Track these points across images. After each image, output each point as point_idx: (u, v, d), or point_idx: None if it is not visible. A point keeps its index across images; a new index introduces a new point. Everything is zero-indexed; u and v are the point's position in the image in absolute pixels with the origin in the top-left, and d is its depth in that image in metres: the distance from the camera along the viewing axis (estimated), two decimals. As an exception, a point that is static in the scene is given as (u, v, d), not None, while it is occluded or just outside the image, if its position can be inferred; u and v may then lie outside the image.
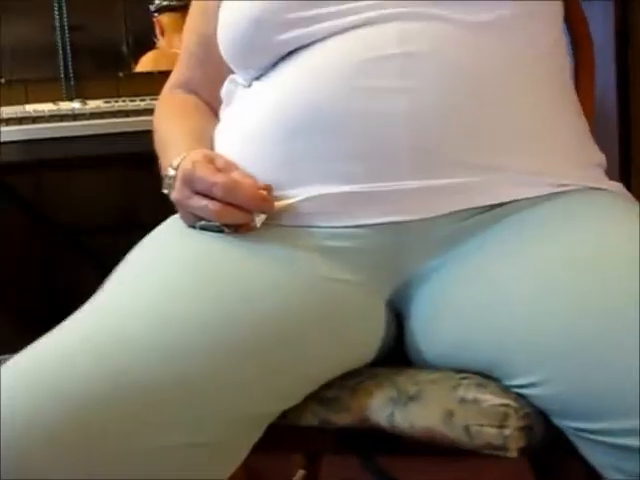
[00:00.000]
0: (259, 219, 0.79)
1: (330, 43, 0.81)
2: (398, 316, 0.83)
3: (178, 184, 0.81)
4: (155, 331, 0.68)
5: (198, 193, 0.79)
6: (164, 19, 2.24)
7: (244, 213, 0.78)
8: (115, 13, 2.15)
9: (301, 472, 1.21)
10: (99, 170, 1.88)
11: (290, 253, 0.79)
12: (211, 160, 0.82)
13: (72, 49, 2.05)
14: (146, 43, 2.23)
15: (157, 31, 2.24)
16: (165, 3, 2.21)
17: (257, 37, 0.84)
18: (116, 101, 1.66)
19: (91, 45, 2.13)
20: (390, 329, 0.82)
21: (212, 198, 0.78)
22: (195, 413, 0.66)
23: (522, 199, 0.78)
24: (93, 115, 1.54)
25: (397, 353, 0.83)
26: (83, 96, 1.83)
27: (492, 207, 0.78)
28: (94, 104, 1.62)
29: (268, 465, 1.28)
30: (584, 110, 0.92)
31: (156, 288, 0.74)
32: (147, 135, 0.99)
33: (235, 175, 0.80)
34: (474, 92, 0.78)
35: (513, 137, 0.79)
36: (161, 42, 2.26)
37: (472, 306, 0.75)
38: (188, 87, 1.03)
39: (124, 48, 2.18)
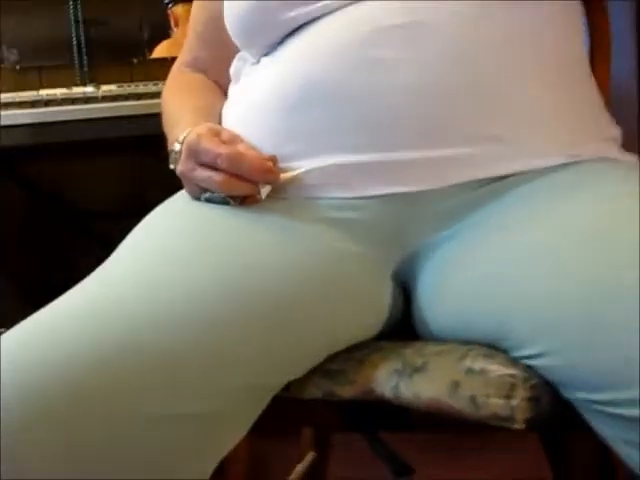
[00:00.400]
0: (264, 190, 0.78)
1: (335, 17, 0.80)
2: (405, 290, 0.82)
3: (183, 156, 0.80)
4: (152, 299, 0.67)
5: (203, 165, 0.78)
6: (178, 10, 2.23)
7: (249, 184, 0.77)
8: (131, 6, 2.15)
9: (310, 454, 1.20)
10: (111, 153, 1.88)
11: (295, 224, 0.78)
12: (216, 133, 0.81)
13: (87, 40, 2.05)
14: (162, 35, 2.24)
15: (172, 22, 2.24)
16: (180, -7, 2.21)
17: (262, 16, 0.84)
18: (129, 85, 1.65)
19: (106, 36, 2.13)
20: (397, 302, 0.81)
21: (217, 169, 0.77)
22: (195, 382, 0.65)
23: (529, 170, 0.77)
24: (105, 98, 1.54)
25: (404, 328, 0.82)
26: (97, 82, 1.82)
27: (501, 177, 0.77)
28: (106, 88, 1.62)
29: (274, 449, 1.28)
30: (600, 90, 0.90)
31: (156, 256, 0.73)
32: (160, 118, 0.98)
33: (240, 147, 0.79)
34: (480, 62, 0.77)
35: (522, 107, 0.77)
36: (176, 32, 2.26)
37: (477, 276, 0.74)
38: (197, 66, 1.03)
39: (139, 38, 2.18)
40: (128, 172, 1.99)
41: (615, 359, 0.61)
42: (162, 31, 2.22)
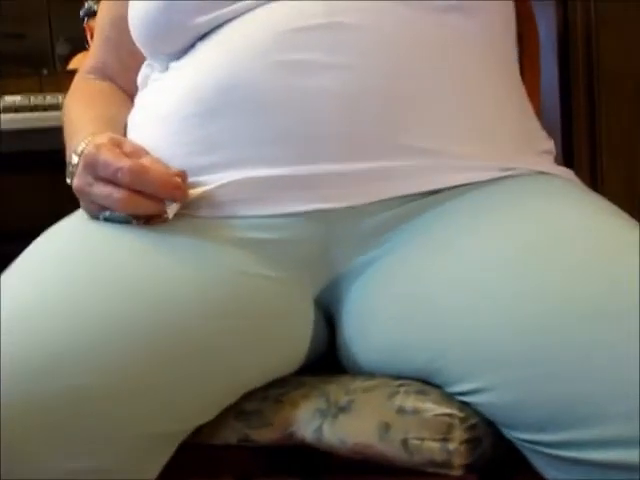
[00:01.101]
0: (171, 209, 0.69)
1: (250, 17, 0.73)
2: (329, 318, 0.74)
3: (80, 169, 0.71)
4: (32, 344, 0.58)
5: (102, 179, 0.69)
6: (94, 23, 2.15)
7: (154, 202, 0.68)
8: (43, 19, 2.04)
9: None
10: (22, 169, 1.75)
11: (207, 247, 0.69)
12: (118, 144, 0.72)
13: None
14: (78, 49, 2.15)
15: (88, 36, 2.15)
16: (95, 7, 2.12)
17: (169, 22, 0.76)
18: (36, 97, 1.53)
19: (18, 49, 2.03)
20: (319, 331, 0.73)
21: (118, 185, 0.68)
22: (87, 435, 0.57)
23: (461, 185, 0.70)
24: (7, 109, 1.42)
25: (329, 360, 0.74)
26: (4, 93, 1.70)
27: (429, 193, 0.70)
28: (10, 99, 1.50)
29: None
30: (531, 102, 0.85)
31: (54, 287, 0.63)
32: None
33: (144, 160, 0.70)
34: (411, 69, 0.70)
35: (452, 120, 0.71)
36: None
37: (405, 306, 0.66)
38: (103, 73, 0.94)
39: (50, 51, 2.08)
40: (42, 189, 1.86)
41: (561, 396, 0.55)
42: (79, 45, 2.14)
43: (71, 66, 2.15)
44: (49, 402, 0.56)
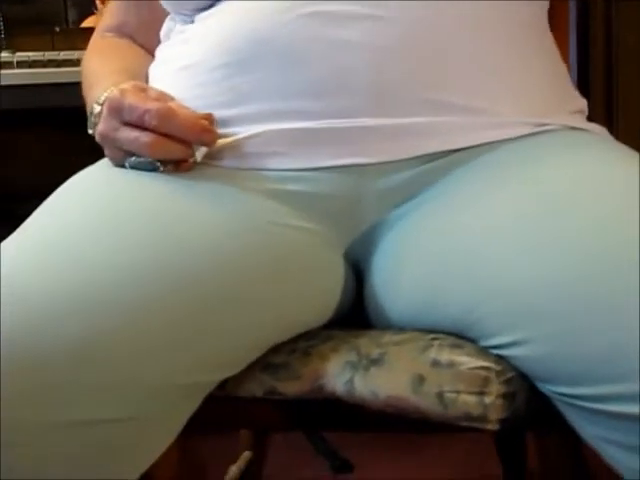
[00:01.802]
0: (199, 153, 0.67)
1: None
2: (357, 273, 0.72)
3: (104, 114, 0.69)
4: (68, 284, 0.56)
5: (128, 124, 0.67)
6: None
7: (182, 146, 0.66)
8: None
9: (246, 454, 1.09)
10: (33, 126, 1.72)
11: (236, 195, 0.67)
12: (142, 89, 0.70)
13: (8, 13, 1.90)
14: (87, 14, 2.11)
15: (97, 1, 2.12)
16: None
17: None
18: (49, 52, 1.51)
19: (29, 11, 1.99)
20: (348, 285, 0.71)
21: (144, 129, 0.66)
22: (115, 384, 0.55)
23: (498, 140, 0.68)
24: (21, 64, 1.39)
25: (356, 317, 0.72)
26: (16, 48, 1.67)
27: (465, 147, 0.68)
28: (23, 54, 1.47)
29: (208, 446, 1.17)
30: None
31: (76, 233, 0.61)
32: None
33: (171, 104, 0.68)
34: (447, 25, 0.68)
35: (486, 78, 0.69)
36: (102, 8, 2.14)
37: (438, 257, 0.65)
38: (121, 31, 0.91)
39: (64, 11, 2.04)
40: (54, 148, 1.83)
41: (601, 348, 0.53)
42: (88, 10, 2.10)
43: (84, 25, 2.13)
44: (66, 346, 0.53)
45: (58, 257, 0.58)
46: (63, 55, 1.46)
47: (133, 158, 0.68)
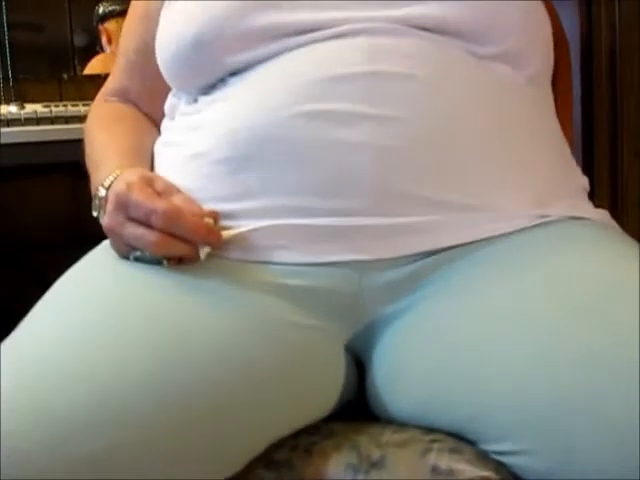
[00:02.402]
0: (203, 252, 0.68)
1: (288, 59, 0.71)
2: (359, 363, 0.73)
3: (110, 208, 0.70)
4: (85, 397, 0.57)
5: (133, 220, 0.68)
6: (111, 26, 2.13)
7: (187, 245, 0.67)
8: (60, 15, 2.02)
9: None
10: (39, 181, 1.73)
11: (239, 292, 0.68)
12: (149, 182, 0.71)
13: (13, 49, 1.91)
14: (92, 51, 2.12)
15: (104, 40, 2.13)
16: (110, 8, 2.10)
17: (202, 59, 0.74)
18: (56, 105, 1.52)
19: (34, 46, 2.00)
20: (350, 378, 0.72)
21: (149, 226, 0.67)
22: None
23: (497, 235, 0.69)
24: (29, 121, 1.41)
25: (359, 402, 0.73)
26: (23, 99, 1.68)
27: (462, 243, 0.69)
28: (31, 108, 1.48)
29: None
30: (563, 130, 0.84)
31: (80, 332, 0.62)
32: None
33: (177, 200, 0.69)
34: (448, 122, 0.69)
35: (489, 173, 0.69)
36: (109, 49, 2.15)
37: (439, 358, 0.65)
38: (125, 97, 0.92)
39: (69, 51, 2.05)
40: (63, 200, 1.84)
41: (609, 468, 0.53)
42: (93, 47, 2.10)
43: (87, 71, 2.14)
44: (85, 461, 0.54)
45: (73, 366, 0.59)
46: (71, 110, 1.47)
47: (138, 252, 0.69)
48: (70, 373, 0.58)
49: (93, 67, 2.14)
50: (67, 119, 1.44)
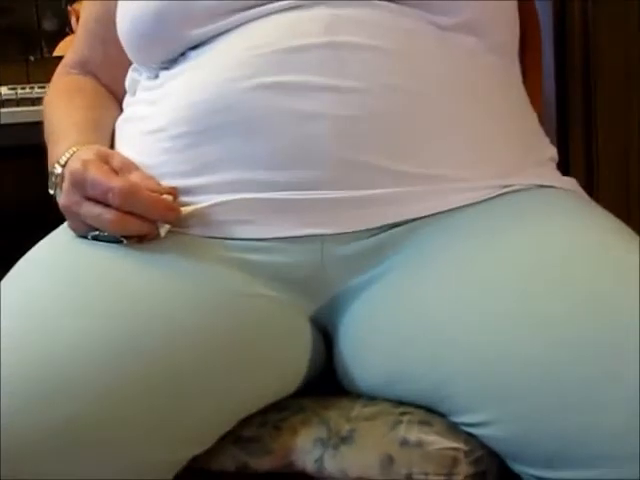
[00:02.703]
0: (163, 229, 0.67)
1: (246, 31, 0.69)
2: (327, 336, 0.72)
3: (66, 186, 0.68)
4: (32, 370, 0.56)
5: (90, 198, 0.66)
6: (80, 7, 2.09)
7: (145, 223, 0.66)
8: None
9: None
10: (5, 163, 1.71)
11: (200, 266, 0.67)
12: (105, 159, 0.69)
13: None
14: (63, 33, 2.08)
15: (73, 21, 2.09)
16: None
17: (161, 33, 0.73)
18: (23, 88, 1.49)
19: (2, 28, 1.97)
20: (317, 351, 0.71)
21: (107, 205, 0.65)
22: (95, 465, 0.55)
23: (461, 206, 0.68)
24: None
25: (329, 377, 0.72)
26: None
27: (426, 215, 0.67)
28: (-5, 91, 1.45)
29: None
30: (532, 102, 0.83)
31: (37, 305, 0.62)
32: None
33: (134, 177, 0.68)
34: (410, 94, 0.67)
35: (452, 144, 0.68)
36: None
37: (404, 330, 0.64)
38: (86, 68, 0.90)
39: (37, 33, 2.02)
40: (30, 182, 1.81)
41: (569, 431, 0.53)
42: (62, 30, 2.07)
43: (57, 52, 2.10)
44: (45, 432, 0.54)
45: (30, 339, 0.58)
46: (37, 92, 1.44)
47: (97, 232, 0.68)
48: (26, 346, 0.57)
49: (62, 49, 2.10)
50: (33, 101, 1.42)
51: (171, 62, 0.74)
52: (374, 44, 0.67)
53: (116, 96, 0.86)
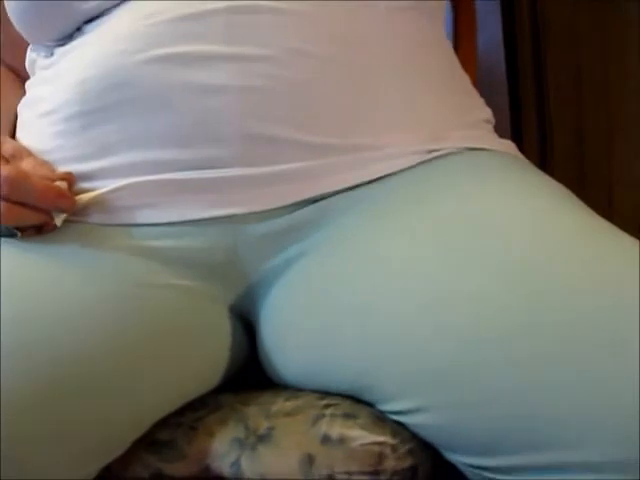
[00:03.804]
0: (59, 218, 0.61)
1: (141, 0, 0.63)
2: (249, 326, 0.66)
3: None
4: None
5: None
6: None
7: (38, 213, 0.60)
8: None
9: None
10: None
11: (104, 258, 0.61)
12: None
13: None
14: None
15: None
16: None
17: (48, 7, 0.67)
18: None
19: None
20: (238, 342, 0.65)
21: None
22: None
23: (384, 175, 0.62)
24: None
25: (256, 369, 0.67)
26: None
27: (348, 188, 0.62)
28: None
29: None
30: (467, 70, 0.78)
31: None
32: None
33: (25, 164, 0.62)
34: (317, 59, 0.61)
35: (366, 109, 0.63)
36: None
37: (326, 314, 0.59)
38: None
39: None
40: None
41: (508, 415, 0.48)
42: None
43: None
44: None
45: None
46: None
47: None
48: None
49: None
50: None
51: (67, 38, 0.68)
52: (279, 6, 0.61)
53: (21, 77, 0.79)
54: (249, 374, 0.67)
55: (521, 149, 0.75)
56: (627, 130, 1.25)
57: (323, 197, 0.61)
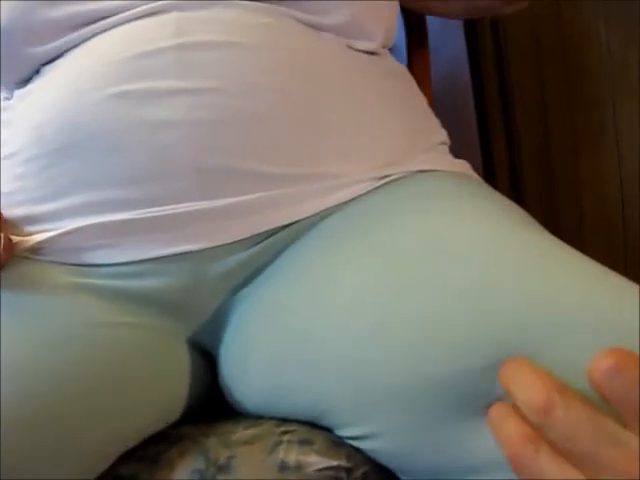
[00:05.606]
0: None
1: (97, 42, 0.65)
2: (210, 357, 0.67)
3: None
4: None
5: None
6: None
7: None
8: None
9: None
10: None
11: (58, 296, 0.61)
12: None
13: None
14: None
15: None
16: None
17: (4, 51, 0.68)
18: None
19: None
20: (200, 375, 0.66)
21: None
22: None
23: (336, 204, 0.63)
24: None
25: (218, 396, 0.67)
26: None
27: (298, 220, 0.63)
28: None
29: None
30: (423, 90, 0.79)
31: None
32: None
33: None
34: (268, 90, 0.62)
35: (318, 139, 0.63)
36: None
37: (279, 344, 0.59)
38: None
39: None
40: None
41: (456, 441, 0.48)
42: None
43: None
44: None
45: None
46: None
47: None
48: None
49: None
50: None
51: (27, 81, 0.69)
52: (230, 40, 0.62)
53: None
54: (211, 402, 0.68)
55: (491, 161, 0.75)
56: (592, 137, 1.27)
57: (282, 228, 0.62)
